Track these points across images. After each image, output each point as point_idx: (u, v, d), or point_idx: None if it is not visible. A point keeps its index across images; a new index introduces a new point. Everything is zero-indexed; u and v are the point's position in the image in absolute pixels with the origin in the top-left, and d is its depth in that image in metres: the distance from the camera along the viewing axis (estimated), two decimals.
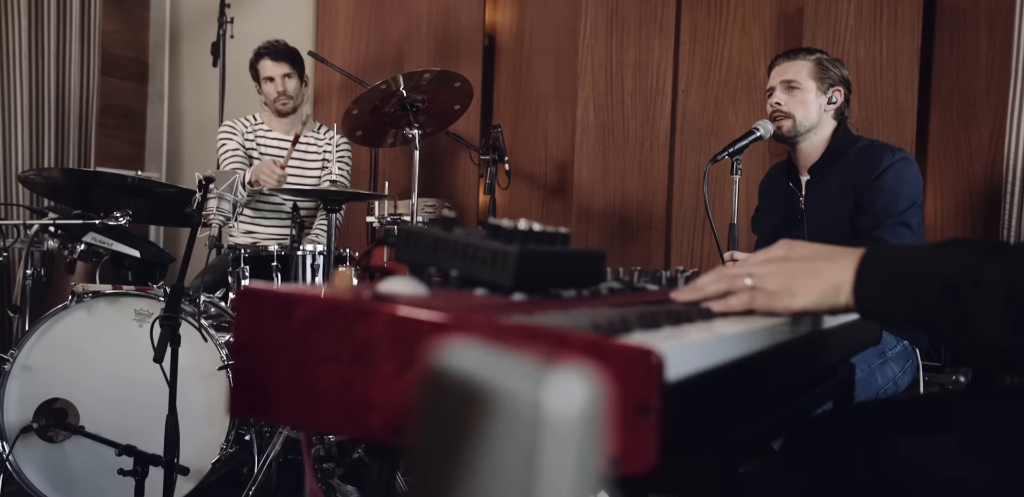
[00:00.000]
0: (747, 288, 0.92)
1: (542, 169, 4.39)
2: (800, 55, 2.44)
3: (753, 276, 0.93)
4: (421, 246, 0.83)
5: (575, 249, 0.91)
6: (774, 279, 0.92)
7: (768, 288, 0.91)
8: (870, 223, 2.31)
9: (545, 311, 0.75)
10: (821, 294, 0.89)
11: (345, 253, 3.00)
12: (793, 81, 2.41)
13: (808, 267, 0.91)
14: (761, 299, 0.91)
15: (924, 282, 0.83)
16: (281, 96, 3.49)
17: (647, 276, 1.29)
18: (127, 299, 2.46)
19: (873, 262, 0.88)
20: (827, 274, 0.90)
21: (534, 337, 0.56)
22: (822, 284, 0.89)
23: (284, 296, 0.63)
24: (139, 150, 5.07)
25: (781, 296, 0.91)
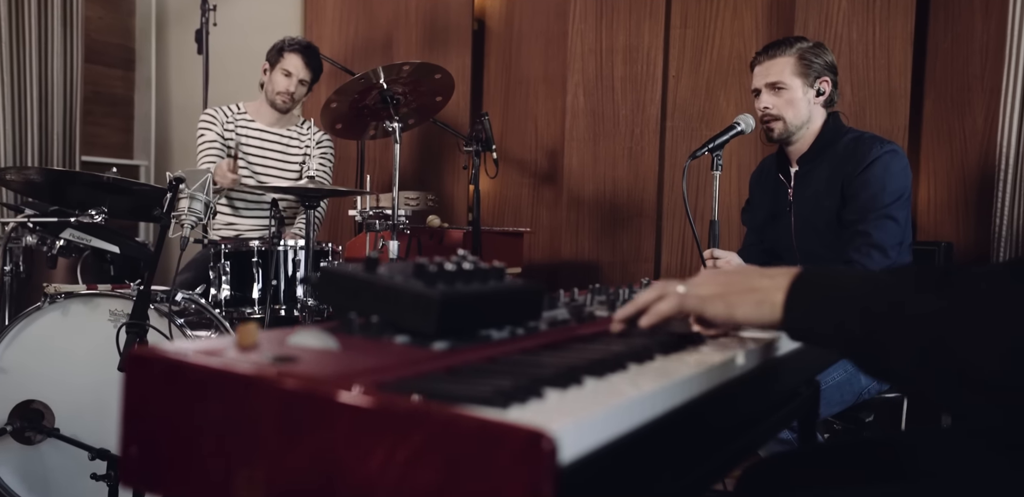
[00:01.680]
0: (678, 293, 0.93)
1: (532, 156, 4.34)
2: (780, 51, 2.38)
3: (687, 284, 0.93)
4: (343, 289, 0.80)
5: (511, 284, 0.87)
6: (707, 287, 0.93)
7: (700, 293, 0.92)
8: (855, 216, 2.27)
9: (464, 362, 0.72)
10: (755, 307, 0.89)
11: (327, 247, 2.97)
12: (778, 82, 2.36)
13: (743, 281, 0.92)
14: (691, 302, 0.92)
15: (846, 309, 0.82)
16: (285, 94, 3.43)
17: (604, 294, 1.25)
18: (101, 299, 2.43)
19: (804, 283, 0.88)
20: (761, 290, 0.90)
21: (418, 422, 0.52)
22: (756, 297, 0.89)
23: (171, 362, 0.60)
24: (127, 138, 5.02)
25: (714, 302, 0.91)
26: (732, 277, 0.93)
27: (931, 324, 0.76)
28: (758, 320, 0.89)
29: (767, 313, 0.88)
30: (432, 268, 0.79)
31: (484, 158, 3.67)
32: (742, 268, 0.96)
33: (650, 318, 0.92)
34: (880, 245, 2.21)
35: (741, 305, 0.89)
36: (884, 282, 0.84)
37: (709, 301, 0.91)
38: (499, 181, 4.30)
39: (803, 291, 0.87)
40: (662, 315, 0.92)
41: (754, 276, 0.92)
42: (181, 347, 0.63)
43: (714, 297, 0.91)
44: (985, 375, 0.71)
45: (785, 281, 0.89)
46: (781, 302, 0.87)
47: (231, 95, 4.22)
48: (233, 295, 2.86)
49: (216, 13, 4.47)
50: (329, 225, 4.52)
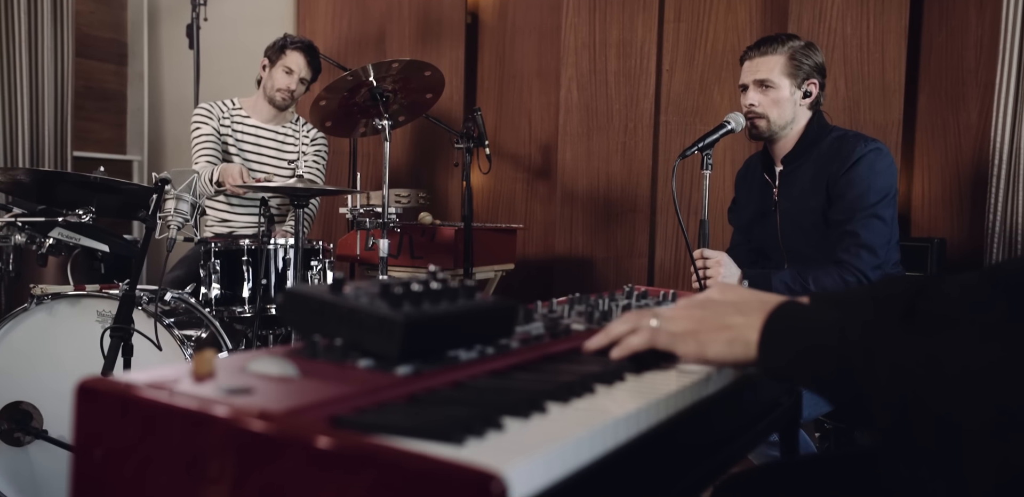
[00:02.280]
0: (650, 328, 0.91)
1: (526, 150, 4.32)
2: (772, 48, 2.36)
3: (659, 317, 0.92)
4: (308, 310, 0.79)
5: (482, 303, 0.86)
6: (680, 322, 0.91)
7: (672, 329, 0.91)
8: (842, 215, 2.25)
9: (427, 388, 0.71)
10: (727, 346, 0.87)
11: (318, 245, 2.95)
12: (766, 80, 2.34)
13: (716, 317, 0.90)
14: (663, 338, 0.90)
15: (822, 357, 0.80)
16: (285, 91, 3.41)
17: (584, 303, 1.24)
18: (89, 300, 2.42)
19: (779, 323, 0.86)
20: (735, 328, 0.88)
21: (368, 462, 0.51)
22: (728, 336, 0.88)
23: (121, 395, 0.58)
24: (120, 133, 5.00)
25: (686, 340, 0.89)
26: (705, 313, 0.91)
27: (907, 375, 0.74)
28: (731, 360, 0.87)
29: (740, 352, 0.86)
30: (398, 289, 0.78)
31: (477, 153, 3.66)
32: (720, 303, 0.93)
33: (621, 351, 0.91)
34: (869, 245, 2.20)
35: (713, 344, 0.87)
36: (860, 321, 0.81)
37: (681, 339, 0.89)
38: (493, 176, 4.28)
39: (778, 331, 0.85)
40: (633, 349, 0.90)
41: (728, 312, 0.90)
42: (133, 379, 0.61)
43: (686, 334, 0.89)
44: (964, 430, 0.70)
45: (759, 319, 0.87)
46: (755, 342, 0.86)
47: (224, 90, 4.20)
48: (223, 293, 2.84)
49: (208, 7, 4.45)
50: (322, 222, 4.51)
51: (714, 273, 2.25)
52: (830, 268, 2.22)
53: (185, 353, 2.42)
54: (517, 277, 3.96)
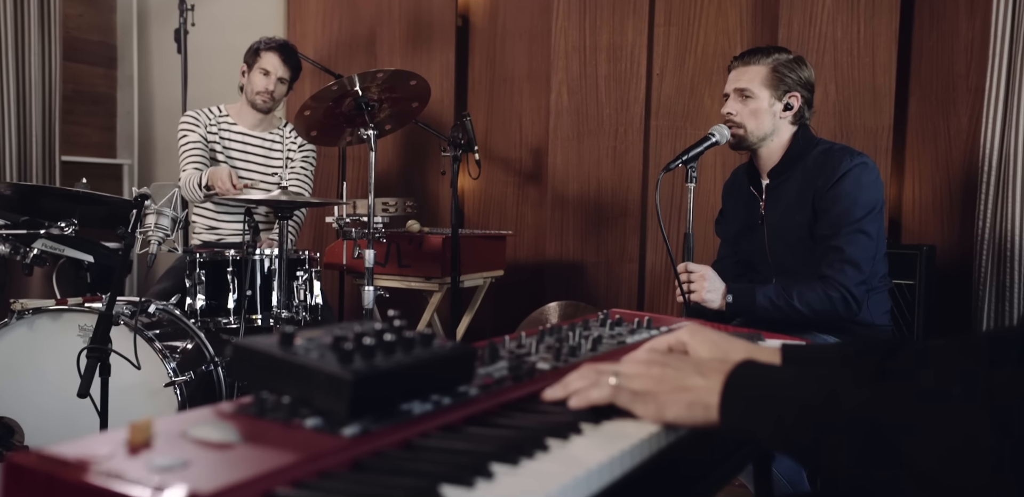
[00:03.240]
0: (610, 386, 0.90)
1: (517, 154, 4.30)
2: (756, 59, 2.34)
3: (620, 375, 0.91)
4: (257, 365, 0.77)
5: (439, 351, 0.85)
6: (640, 381, 0.90)
7: (632, 388, 0.89)
8: (827, 231, 2.24)
9: (374, 451, 0.69)
10: (687, 409, 0.87)
11: (303, 255, 2.94)
12: (746, 90, 2.32)
13: (677, 377, 0.89)
14: (624, 398, 0.89)
15: (784, 412, 0.80)
16: (265, 93, 3.39)
17: (555, 336, 1.23)
18: (70, 314, 2.41)
19: (739, 387, 0.86)
20: (694, 390, 0.87)
21: None
22: (688, 398, 0.87)
23: (45, 475, 0.57)
24: (110, 137, 4.98)
25: (645, 401, 0.88)
26: (666, 371, 0.90)
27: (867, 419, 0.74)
28: (691, 423, 0.86)
29: (700, 416, 0.86)
30: (348, 345, 0.77)
31: (467, 159, 3.64)
32: (677, 359, 0.93)
33: (579, 402, 0.89)
34: (853, 260, 2.18)
35: (672, 406, 0.86)
36: (814, 383, 0.81)
37: (640, 400, 0.88)
38: (484, 180, 4.27)
39: (738, 396, 0.85)
40: (592, 402, 0.89)
41: (688, 373, 0.89)
42: (62, 453, 0.60)
43: (645, 395, 0.88)
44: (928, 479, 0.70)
45: (719, 382, 0.86)
46: (716, 405, 0.85)
47: (214, 93, 4.19)
48: (208, 304, 2.83)
49: (198, 10, 4.43)
50: (312, 230, 4.49)
51: (698, 287, 2.24)
52: (814, 283, 2.20)
53: (168, 368, 2.41)
54: (508, 281, 3.95)
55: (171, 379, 2.37)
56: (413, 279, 3.27)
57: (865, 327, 2.30)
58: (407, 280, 3.29)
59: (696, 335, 1.07)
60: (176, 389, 2.41)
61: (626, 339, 1.26)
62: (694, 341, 1.07)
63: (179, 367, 2.53)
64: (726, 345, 1.07)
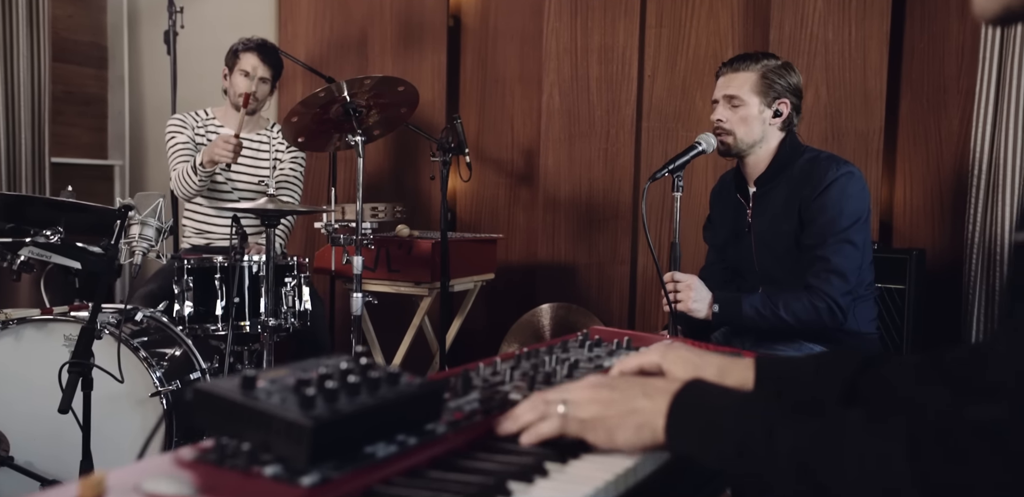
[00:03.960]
0: (559, 415, 0.90)
1: (509, 156, 4.29)
2: (745, 65, 2.34)
3: (568, 403, 0.91)
4: (217, 410, 0.77)
5: (405, 390, 0.84)
6: (587, 408, 0.90)
7: (580, 416, 0.90)
8: (813, 240, 2.24)
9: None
10: (635, 432, 0.87)
11: (292, 261, 2.93)
12: (735, 97, 2.32)
13: (624, 401, 0.89)
14: (573, 426, 0.90)
15: (723, 441, 0.81)
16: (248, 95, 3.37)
17: (532, 360, 1.22)
18: (55, 324, 2.40)
19: (683, 408, 0.87)
20: (641, 413, 0.88)
21: None
22: (636, 421, 0.88)
23: None
24: (101, 137, 4.96)
25: (595, 427, 0.89)
26: (614, 395, 0.90)
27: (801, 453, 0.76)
28: (640, 445, 0.87)
29: (648, 438, 0.87)
30: (310, 390, 0.76)
31: (458, 162, 3.63)
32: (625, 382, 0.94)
33: (530, 438, 0.90)
34: (839, 270, 2.18)
35: (621, 430, 0.87)
36: (762, 417, 0.81)
37: (590, 426, 0.89)
38: (476, 181, 4.26)
39: (682, 417, 0.86)
40: (543, 437, 0.90)
41: (635, 395, 0.89)
42: None
43: (594, 421, 0.89)
44: None
45: (665, 403, 0.87)
46: (662, 427, 0.86)
47: (205, 94, 4.17)
48: (197, 311, 2.82)
49: (188, 11, 4.41)
50: (303, 233, 4.47)
51: (684, 297, 2.24)
52: (800, 293, 2.20)
53: (153, 377, 2.40)
54: (500, 284, 3.94)
55: (157, 389, 2.37)
56: (403, 284, 3.26)
57: (852, 335, 2.30)
58: (397, 285, 3.28)
59: (668, 355, 1.07)
60: (162, 399, 2.40)
61: (604, 362, 1.25)
62: (667, 361, 1.07)
63: (166, 375, 2.53)
64: (699, 361, 1.08)
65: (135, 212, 2.17)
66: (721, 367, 1.07)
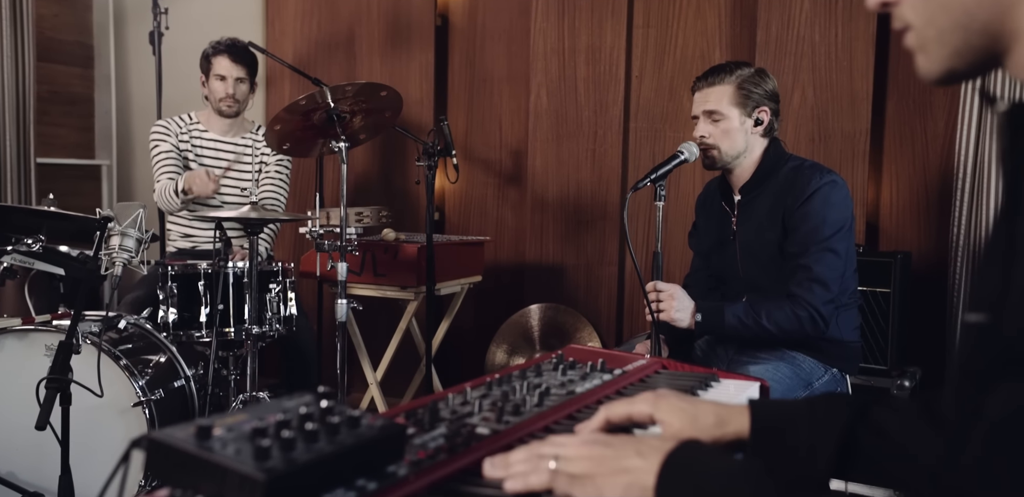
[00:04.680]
0: (548, 470, 0.89)
1: (497, 155, 4.28)
2: (720, 78, 2.32)
3: (560, 458, 0.90)
4: (171, 461, 0.76)
5: (366, 433, 0.84)
6: (579, 464, 0.89)
7: (570, 471, 0.89)
8: (796, 249, 2.24)
9: None
10: (625, 491, 0.86)
11: (276, 267, 2.92)
12: (715, 112, 2.31)
13: (616, 459, 0.89)
14: (562, 483, 0.89)
15: None
16: (228, 98, 3.36)
17: (503, 387, 1.22)
18: (36, 334, 2.39)
19: (675, 468, 0.86)
20: (632, 472, 0.87)
21: None
22: (626, 480, 0.87)
23: None
24: (88, 137, 4.94)
25: (584, 484, 0.88)
26: (606, 452, 0.89)
27: None
28: None
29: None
30: (265, 441, 0.76)
31: (445, 163, 3.62)
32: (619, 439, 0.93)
33: (515, 486, 0.89)
34: (821, 279, 2.18)
35: (610, 489, 0.86)
36: (751, 486, 0.81)
37: (579, 483, 0.88)
38: (465, 181, 4.25)
39: (674, 477, 0.85)
40: (530, 488, 0.89)
41: (628, 454, 0.89)
42: None
43: (584, 478, 0.88)
44: None
45: (656, 463, 0.86)
46: (652, 487, 0.85)
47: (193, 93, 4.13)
48: (181, 317, 2.81)
49: (174, 10, 4.39)
50: (291, 236, 4.46)
51: (667, 307, 2.23)
52: (783, 302, 2.20)
53: (135, 386, 2.40)
54: (488, 284, 3.94)
55: (139, 399, 2.36)
56: (389, 288, 3.26)
57: (834, 344, 2.30)
58: (383, 289, 3.28)
59: (661, 405, 1.05)
60: (144, 408, 2.40)
61: (576, 388, 1.25)
62: (660, 412, 1.05)
63: (149, 384, 2.52)
64: (695, 411, 1.05)
65: (115, 223, 2.16)
66: (719, 416, 1.05)
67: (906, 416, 0.99)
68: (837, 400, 1.04)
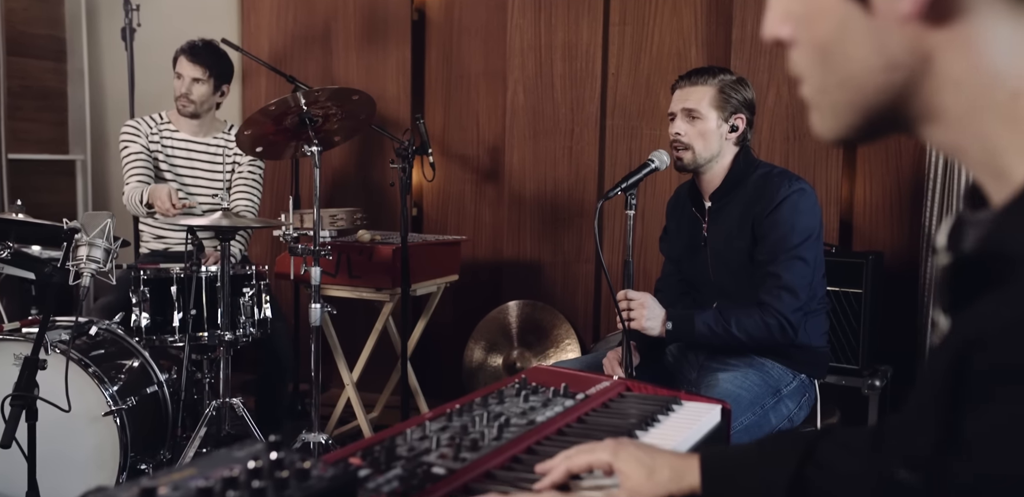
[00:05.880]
0: None
1: (475, 152, 4.27)
2: (702, 79, 2.32)
3: None
4: None
5: (316, 485, 0.84)
6: None
7: None
8: (765, 257, 2.25)
9: None
10: None
11: (250, 270, 2.91)
12: (694, 110, 2.31)
13: None
14: None
15: None
16: (182, 97, 3.33)
17: (463, 419, 1.22)
18: (5, 343, 2.38)
19: None
20: None
21: None
22: None
23: None
24: (61, 132, 4.89)
25: None
26: None
27: None
28: None
29: None
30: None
31: (422, 161, 3.61)
32: None
33: None
34: (790, 287, 2.19)
35: None
36: None
37: None
38: (442, 178, 4.24)
39: None
40: None
41: None
42: None
43: None
44: None
45: None
46: None
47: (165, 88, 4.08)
48: (154, 321, 2.80)
49: (149, 4, 4.33)
50: (265, 237, 4.43)
51: (638, 315, 2.24)
52: (752, 310, 2.21)
53: (106, 395, 2.39)
54: (466, 281, 3.93)
55: (110, 408, 2.35)
56: (364, 290, 3.25)
57: (803, 350, 2.32)
58: (358, 290, 3.27)
59: (620, 454, 1.05)
60: (115, 418, 2.39)
61: (537, 417, 1.26)
62: (619, 461, 1.06)
63: (121, 391, 2.52)
64: (652, 463, 1.06)
65: (83, 234, 2.14)
66: (675, 469, 1.05)
67: (851, 449, 0.99)
68: (785, 441, 1.04)
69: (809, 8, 0.68)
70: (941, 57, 0.62)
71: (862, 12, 0.64)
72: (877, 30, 0.64)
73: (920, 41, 0.63)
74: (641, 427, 1.29)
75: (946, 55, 0.62)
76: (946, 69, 0.63)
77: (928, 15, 0.61)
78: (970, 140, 0.64)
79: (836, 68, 0.68)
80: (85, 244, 2.16)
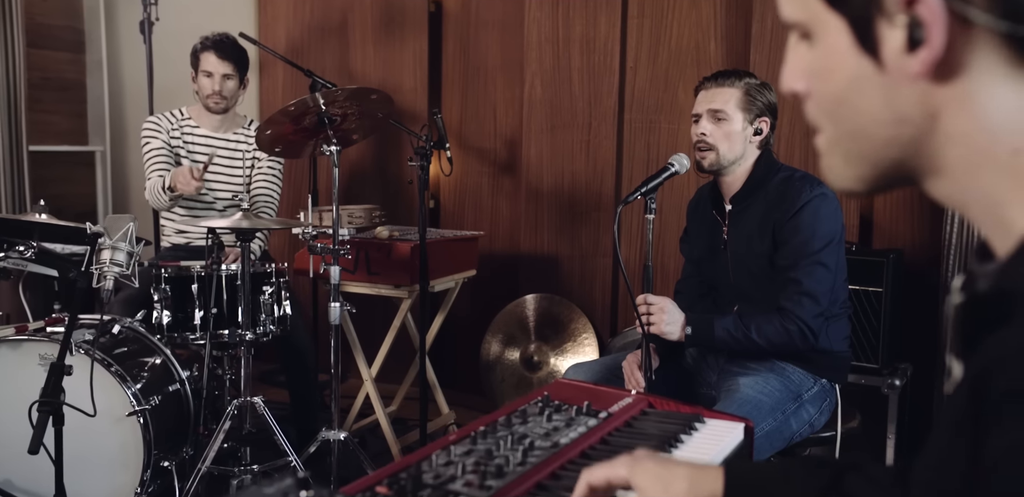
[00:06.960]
0: None
1: (492, 145, 4.27)
2: (729, 81, 2.31)
3: None
4: None
5: None
6: None
7: None
8: (786, 262, 2.24)
9: None
10: None
11: (270, 269, 2.92)
12: (720, 111, 2.29)
13: None
14: None
15: None
16: (215, 95, 3.33)
17: (487, 442, 1.23)
18: (30, 344, 2.40)
19: None
20: None
21: None
22: None
23: None
24: (81, 123, 4.91)
25: None
26: None
27: None
28: None
29: None
30: None
31: (439, 156, 3.61)
32: None
33: None
34: (811, 293, 2.19)
35: None
36: None
37: None
38: (460, 170, 4.24)
39: None
40: None
41: None
42: None
43: None
44: None
45: None
46: None
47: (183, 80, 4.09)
48: (175, 318, 2.82)
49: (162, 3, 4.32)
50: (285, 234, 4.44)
51: (657, 320, 2.24)
52: (772, 316, 2.21)
53: (128, 394, 2.42)
54: (484, 274, 3.93)
55: (133, 409, 2.38)
56: (383, 287, 3.26)
57: (824, 354, 2.32)
58: (377, 287, 3.28)
59: (637, 470, 1.06)
60: (139, 418, 2.42)
61: (561, 439, 1.26)
62: (635, 477, 1.06)
63: (144, 389, 2.54)
64: (668, 476, 1.06)
65: (106, 237, 2.16)
66: (691, 479, 1.06)
67: (879, 486, 1.00)
68: (812, 466, 1.04)
69: (825, 63, 0.71)
70: (946, 114, 0.65)
71: (875, 69, 0.67)
72: (888, 86, 0.67)
73: (927, 97, 0.65)
74: (664, 448, 1.29)
75: (950, 112, 0.65)
76: (950, 125, 0.66)
77: (935, 73, 0.64)
78: (973, 194, 0.67)
79: (848, 120, 0.71)
80: (108, 248, 2.17)
